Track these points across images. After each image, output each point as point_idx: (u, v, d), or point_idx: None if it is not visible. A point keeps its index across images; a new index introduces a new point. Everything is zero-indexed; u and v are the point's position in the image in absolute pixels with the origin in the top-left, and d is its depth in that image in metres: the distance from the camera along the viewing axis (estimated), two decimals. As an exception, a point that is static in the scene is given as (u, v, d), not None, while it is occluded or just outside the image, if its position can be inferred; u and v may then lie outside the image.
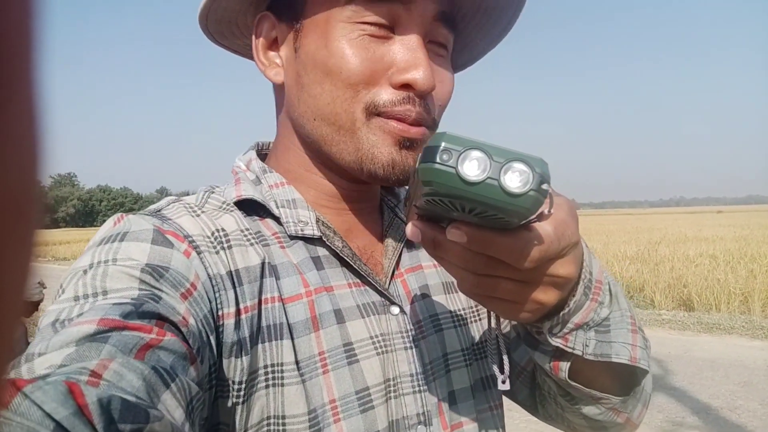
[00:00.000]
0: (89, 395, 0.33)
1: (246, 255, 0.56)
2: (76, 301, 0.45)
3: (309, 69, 0.59)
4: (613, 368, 0.57)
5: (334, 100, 0.58)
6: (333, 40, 0.57)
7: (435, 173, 0.37)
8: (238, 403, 0.51)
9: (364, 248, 0.66)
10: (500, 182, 0.37)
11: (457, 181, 0.37)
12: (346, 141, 0.59)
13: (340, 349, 0.57)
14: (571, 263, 0.46)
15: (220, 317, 0.52)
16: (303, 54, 0.60)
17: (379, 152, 0.58)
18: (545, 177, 0.37)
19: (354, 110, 0.58)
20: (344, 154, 0.60)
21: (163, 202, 0.61)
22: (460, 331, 0.68)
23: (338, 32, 0.57)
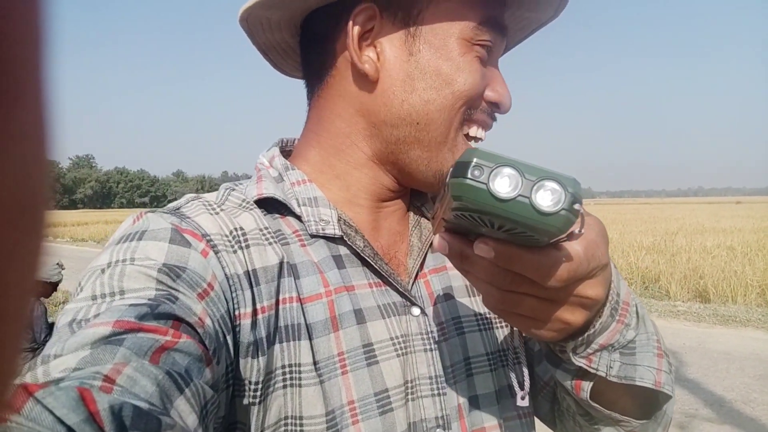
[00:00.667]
0: (101, 402, 0.33)
1: (264, 254, 0.56)
2: (94, 301, 0.45)
3: (429, 75, 0.60)
4: (635, 391, 0.56)
5: (444, 108, 0.60)
6: (458, 55, 0.60)
7: (466, 189, 0.37)
8: (255, 403, 0.52)
9: (388, 248, 0.67)
10: (531, 200, 0.37)
11: (487, 198, 0.37)
12: (438, 147, 0.62)
13: (359, 349, 0.57)
14: (599, 284, 0.46)
15: (237, 317, 0.52)
16: (423, 59, 0.61)
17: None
18: (577, 197, 0.37)
19: (455, 119, 0.61)
20: (431, 161, 0.63)
21: (183, 200, 0.61)
22: (485, 335, 0.67)
23: (462, 49, 0.61)
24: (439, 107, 0.60)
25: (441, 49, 0.60)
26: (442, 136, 0.61)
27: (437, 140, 0.61)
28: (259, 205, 0.61)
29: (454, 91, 0.60)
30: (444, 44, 0.60)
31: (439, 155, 0.62)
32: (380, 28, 0.62)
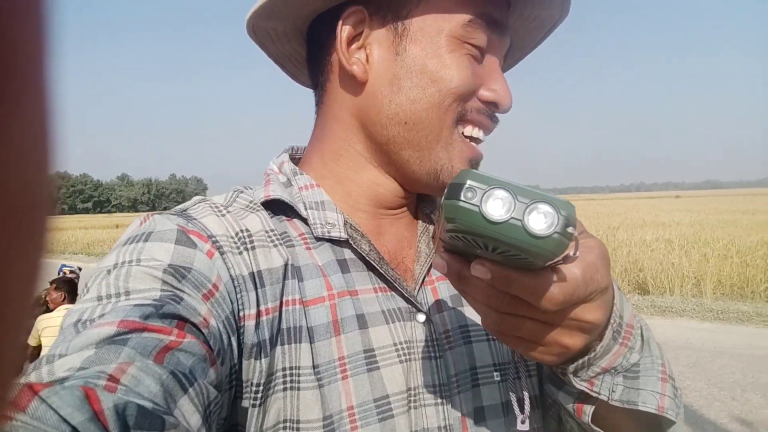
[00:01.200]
0: (105, 401, 0.33)
1: (269, 256, 0.57)
2: (99, 301, 0.46)
3: (414, 74, 0.60)
4: (638, 416, 0.55)
5: (432, 107, 0.60)
6: (446, 53, 0.60)
7: (458, 211, 0.37)
8: (255, 405, 0.52)
9: (394, 253, 0.66)
10: (524, 223, 0.37)
11: (480, 220, 0.37)
12: (430, 147, 0.61)
13: (360, 354, 0.56)
14: (598, 308, 0.45)
15: (241, 318, 0.52)
16: (409, 58, 0.61)
17: (457, 166, 0.62)
18: (570, 220, 0.37)
19: (446, 117, 0.60)
20: (424, 161, 0.62)
21: (190, 202, 0.61)
22: (493, 346, 0.66)
23: (450, 46, 0.60)
24: (426, 106, 0.60)
25: (428, 47, 0.60)
26: (434, 134, 0.61)
27: (428, 139, 0.61)
28: (266, 207, 0.62)
29: (441, 89, 0.60)
30: (431, 42, 0.60)
31: (432, 154, 0.62)
32: (370, 30, 0.62)
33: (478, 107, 0.62)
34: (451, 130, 0.61)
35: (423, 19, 0.60)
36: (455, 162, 0.62)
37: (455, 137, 0.62)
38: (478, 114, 0.62)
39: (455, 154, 0.62)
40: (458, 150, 0.62)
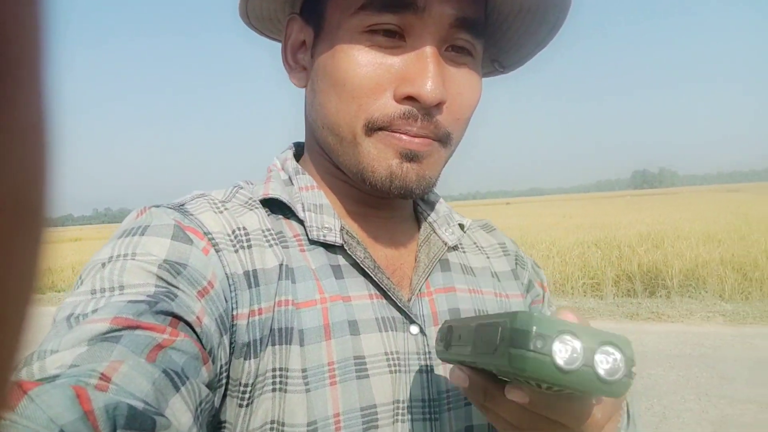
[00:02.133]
0: (95, 401, 0.33)
1: (264, 256, 0.56)
2: (93, 295, 0.45)
3: (320, 77, 0.59)
4: None
5: (338, 112, 0.57)
6: (339, 51, 0.56)
7: (528, 362, 0.36)
8: (243, 405, 0.51)
9: (391, 260, 0.64)
10: (594, 369, 0.36)
11: (551, 370, 0.36)
12: (348, 152, 0.58)
13: (350, 361, 0.54)
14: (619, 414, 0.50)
15: (234, 317, 0.51)
16: (316, 61, 0.60)
17: (378, 165, 0.57)
18: (633, 359, 0.37)
19: (355, 125, 0.56)
20: (348, 164, 0.59)
21: (189, 196, 0.59)
22: None
23: (346, 41, 0.56)
24: (333, 111, 0.57)
25: (329, 44, 0.57)
26: (348, 140, 0.58)
27: (344, 144, 0.58)
28: (265, 205, 0.61)
29: (339, 93, 0.56)
30: (331, 38, 0.57)
31: (352, 158, 0.58)
32: (306, 36, 0.62)
33: (393, 113, 0.55)
34: (363, 138, 0.56)
35: (330, 15, 0.58)
36: (377, 166, 0.57)
37: (374, 142, 0.56)
38: (392, 122, 0.55)
39: (377, 157, 0.57)
40: (381, 152, 0.57)
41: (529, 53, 0.67)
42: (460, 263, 0.69)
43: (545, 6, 0.58)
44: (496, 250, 0.75)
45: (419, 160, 0.57)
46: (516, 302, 0.70)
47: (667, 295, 7.47)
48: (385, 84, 0.55)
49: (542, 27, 0.61)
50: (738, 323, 5.86)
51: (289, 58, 0.63)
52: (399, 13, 0.53)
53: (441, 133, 0.57)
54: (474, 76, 0.60)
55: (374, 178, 0.57)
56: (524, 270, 0.75)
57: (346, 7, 0.55)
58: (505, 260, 0.74)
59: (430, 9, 0.54)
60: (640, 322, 6.19)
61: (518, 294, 0.71)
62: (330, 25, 0.57)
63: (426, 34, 0.55)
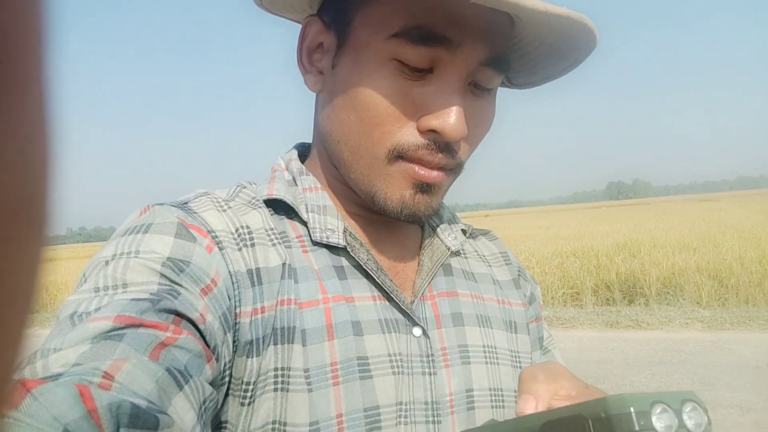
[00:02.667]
0: (99, 399, 0.33)
1: (267, 255, 0.55)
2: (96, 293, 0.45)
3: (341, 92, 0.57)
4: None
5: (359, 133, 0.56)
6: (366, 73, 0.55)
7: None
8: (245, 404, 0.50)
9: (394, 262, 0.64)
10: (687, 428, 0.37)
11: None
12: (363, 173, 0.58)
13: (353, 361, 0.54)
14: None
15: (237, 315, 0.51)
16: (339, 73, 0.58)
17: (392, 194, 0.57)
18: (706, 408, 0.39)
19: (377, 151, 0.56)
20: (359, 183, 0.59)
21: (192, 195, 0.59)
22: (490, 369, 0.64)
23: (374, 65, 0.54)
24: (354, 130, 0.56)
25: (356, 65, 0.56)
26: (366, 162, 0.57)
27: (361, 164, 0.57)
28: (268, 205, 0.60)
29: (361, 116, 0.55)
30: (358, 56, 0.55)
31: (367, 180, 0.58)
32: (326, 40, 0.60)
33: (417, 143, 0.55)
34: (384, 164, 0.56)
35: (359, 30, 0.56)
36: (390, 194, 0.57)
37: (392, 171, 0.56)
38: (416, 151, 0.55)
39: (392, 185, 0.57)
40: (398, 182, 0.57)
41: (541, 80, 0.67)
42: (462, 269, 0.69)
43: (567, 46, 0.57)
44: (497, 259, 0.75)
45: (431, 192, 0.58)
46: (518, 310, 0.70)
47: (645, 303, 7.54)
48: (410, 114, 0.55)
49: (561, 62, 0.61)
50: (716, 329, 5.93)
51: (304, 59, 0.62)
52: (432, 46, 0.53)
53: (456, 165, 0.58)
54: (490, 107, 0.60)
55: (386, 204, 0.57)
56: (527, 282, 0.75)
57: (378, 29, 0.54)
58: (506, 269, 0.74)
59: (463, 46, 0.53)
60: (621, 330, 6.22)
61: (520, 303, 0.71)
62: (357, 41, 0.56)
63: (454, 70, 0.54)
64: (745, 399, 3.96)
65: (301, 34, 0.62)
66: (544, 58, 0.61)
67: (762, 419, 3.63)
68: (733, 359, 4.87)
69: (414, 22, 0.52)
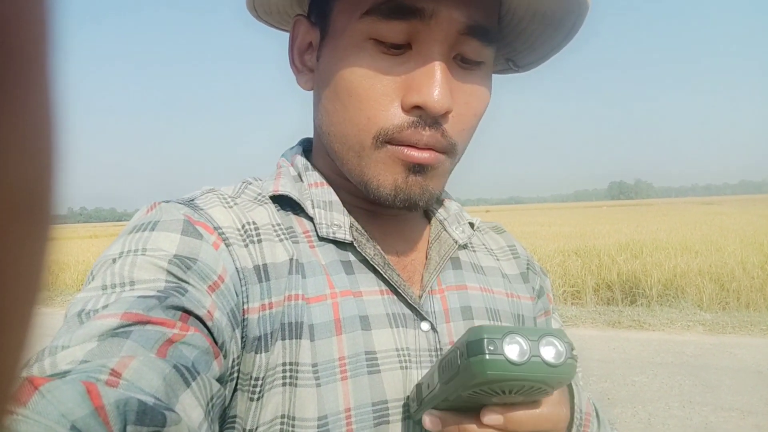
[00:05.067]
0: (106, 396, 0.33)
1: (274, 250, 0.55)
2: (104, 291, 0.45)
3: (325, 83, 0.57)
4: None
5: (345, 121, 0.56)
6: (345, 57, 0.54)
7: (489, 364, 0.41)
8: (254, 399, 0.50)
9: (402, 257, 0.64)
10: (542, 357, 0.42)
11: (507, 366, 0.41)
12: (353, 162, 0.58)
13: (362, 356, 0.54)
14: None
15: (245, 311, 0.51)
16: (322, 65, 0.58)
17: (384, 179, 0.56)
18: (572, 344, 0.43)
19: (363, 138, 0.55)
20: (351, 173, 0.59)
21: (198, 192, 0.60)
22: None
23: (351, 48, 0.54)
24: (339, 120, 0.56)
25: (334, 52, 0.56)
26: (355, 151, 0.57)
27: (350, 154, 0.57)
28: (274, 201, 0.61)
29: (344, 103, 0.55)
30: (338, 47, 0.55)
31: (358, 168, 0.57)
32: (313, 38, 0.60)
33: (401, 123, 0.53)
34: (372, 150, 0.55)
35: (337, 17, 0.56)
36: (383, 179, 0.56)
37: (381, 157, 0.55)
38: (401, 132, 0.54)
39: (383, 171, 0.56)
40: (388, 167, 0.56)
41: (544, 56, 0.65)
42: (471, 262, 0.69)
43: (561, 12, 0.56)
44: (505, 253, 0.75)
45: (424, 173, 0.56)
46: (526, 304, 0.70)
47: (647, 303, 7.55)
48: (392, 94, 0.54)
49: (558, 32, 0.60)
50: (718, 332, 5.94)
51: (296, 60, 0.62)
52: (406, 19, 0.51)
53: (447, 144, 0.56)
54: (482, 84, 0.58)
55: (379, 191, 0.57)
56: (536, 275, 0.75)
57: (352, 11, 0.53)
58: (514, 263, 0.74)
59: (438, 16, 0.51)
60: (622, 330, 6.23)
61: (528, 297, 0.71)
62: (335, 29, 0.56)
63: (433, 42, 0.52)
64: (746, 402, 3.98)
65: (291, 35, 0.62)
66: (541, 31, 0.60)
67: (763, 423, 3.65)
68: (734, 363, 4.89)
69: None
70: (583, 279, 8.55)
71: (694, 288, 7.64)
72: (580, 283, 8.51)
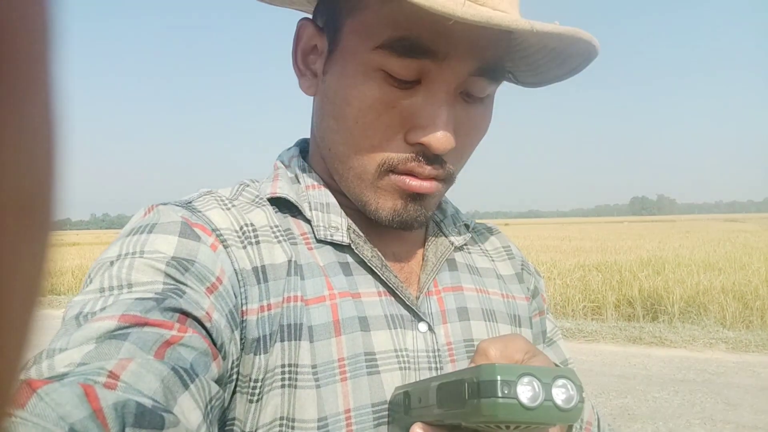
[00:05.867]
0: (104, 399, 0.33)
1: (273, 252, 0.56)
2: (101, 293, 0.45)
3: (330, 101, 0.57)
4: None
5: (347, 145, 0.56)
6: (353, 86, 0.54)
7: (501, 407, 0.40)
8: (253, 401, 0.50)
9: (399, 258, 0.64)
10: (554, 402, 0.41)
11: (519, 410, 0.40)
12: (353, 183, 0.59)
13: (361, 357, 0.54)
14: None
15: (244, 313, 0.51)
16: (328, 80, 0.57)
17: (383, 205, 0.58)
18: (582, 387, 0.42)
19: (367, 164, 0.56)
20: (349, 191, 0.60)
21: (196, 194, 0.60)
22: None
23: (361, 75, 0.54)
24: (342, 141, 0.57)
25: (342, 74, 0.56)
26: (356, 174, 0.58)
27: (350, 175, 0.58)
28: (272, 203, 0.60)
29: (350, 129, 0.55)
30: (345, 66, 0.55)
31: (357, 189, 0.59)
32: (320, 44, 0.60)
33: (405, 156, 0.55)
34: (374, 177, 0.57)
35: (348, 37, 0.55)
36: (382, 204, 0.58)
37: (383, 184, 0.57)
38: (406, 164, 0.55)
39: (383, 197, 0.58)
40: (389, 194, 0.57)
41: (545, 82, 0.67)
42: (467, 263, 0.69)
43: (569, 52, 0.57)
44: (500, 254, 0.75)
45: (422, 200, 0.58)
46: (521, 304, 0.71)
47: (669, 320, 7.48)
48: (397, 126, 0.55)
49: (562, 67, 0.61)
50: (740, 351, 5.88)
51: (299, 62, 0.62)
52: (418, 58, 0.52)
53: (446, 174, 0.58)
54: (484, 116, 0.59)
55: (377, 213, 0.58)
56: (530, 276, 0.76)
57: (365, 39, 0.53)
58: (509, 263, 0.75)
59: (450, 59, 0.52)
60: (643, 346, 6.20)
61: (523, 297, 0.72)
62: (345, 49, 0.56)
63: (442, 82, 0.53)
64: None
65: (296, 37, 0.61)
66: (547, 61, 0.60)
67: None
68: (757, 382, 4.84)
69: (399, 34, 0.51)
70: (604, 294, 8.50)
71: (717, 305, 7.56)
72: (601, 298, 8.47)
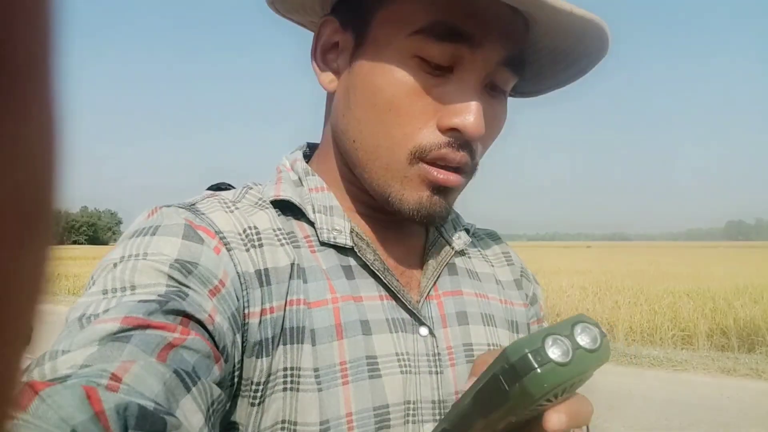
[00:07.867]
0: (106, 401, 0.33)
1: (276, 255, 0.56)
2: (104, 296, 0.45)
3: (359, 90, 0.57)
4: None
5: (378, 134, 0.56)
6: (387, 73, 0.55)
7: (543, 377, 0.39)
8: (254, 404, 0.51)
9: (400, 262, 0.65)
10: (583, 348, 0.40)
11: (559, 371, 0.39)
12: (379, 173, 0.58)
13: (362, 360, 0.55)
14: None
15: (246, 316, 0.51)
16: (357, 70, 0.58)
17: (410, 196, 0.57)
18: (598, 324, 0.42)
19: (398, 153, 0.56)
20: (373, 183, 0.59)
21: (200, 196, 0.60)
22: None
23: (395, 62, 0.55)
24: (372, 131, 0.57)
25: (376, 62, 0.56)
26: (383, 164, 0.57)
27: (377, 165, 0.58)
28: (275, 206, 0.61)
29: (382, 116, 0.56)
30: (378, 54, 0.56)
31: (382, 181, 0.58)
32: (342, 40, 0.60)
33: (438, 142, 0.55)
34: (404, 165, 0.56)
35: (378, 28, 0.56)
36: (407, 196, 0.58)
37: (411, 173, 0.57)
38: (438, 150, 0.55)
39: (409, 187, 0.57)
40: (415, 184, 0.57)
41: (546, 89, 0.68)
42: (467, 268, 0.70)
43: (579, 52, 0.59)
44: (500, 259, 0.76)
45: (446, 194, 0.58)
46: (519, 311, 0.72)
47: (767, 352, 7.04)
48: (430, 113, 0.55)
49: (569, 69, 0.63)
50: None
51: (318, 58, 0.62)
52: (455, 43, 0.53)
53: (472, 166, 0.59)
54: (503, 111, 0.61)
55: (402, 205, 0.58)
56: (530, 283, 0.76)
57: (400, 26, 0.54)
58: (508, 270, 0.75)
59: (484, 45, 0.54)
60: (738, 378, 5.88)
61: (521, 303, 0.73)
62: (376, 39, 0.56)
63: (474, 68, 0.55)
64: None
65: (316, 34, 0.62)
66: (554, 64, 0.62)
67: None
68: None
69: (438, 18, 0.53)
70: (695, 322, 8.12)
71: (821, 338, 7.05)
72: (692, 326, 8.08)
